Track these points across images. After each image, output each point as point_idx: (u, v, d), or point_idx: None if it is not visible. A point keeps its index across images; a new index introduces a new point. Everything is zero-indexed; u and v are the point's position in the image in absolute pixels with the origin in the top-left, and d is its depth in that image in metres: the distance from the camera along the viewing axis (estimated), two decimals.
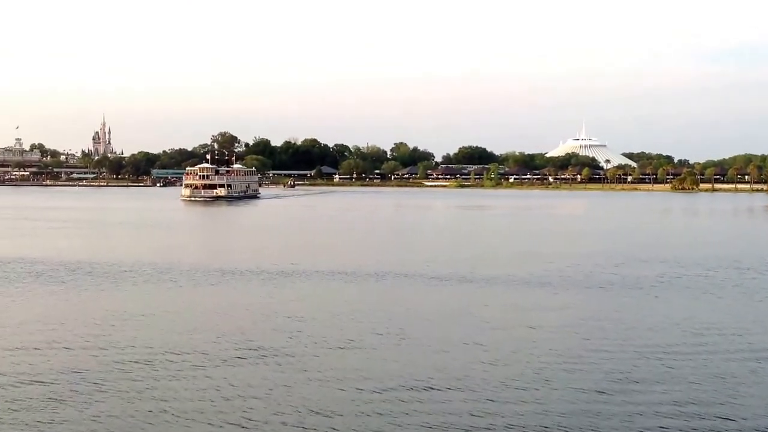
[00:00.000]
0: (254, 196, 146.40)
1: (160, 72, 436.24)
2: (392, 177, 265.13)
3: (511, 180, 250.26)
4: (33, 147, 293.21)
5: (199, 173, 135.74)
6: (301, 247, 51.54)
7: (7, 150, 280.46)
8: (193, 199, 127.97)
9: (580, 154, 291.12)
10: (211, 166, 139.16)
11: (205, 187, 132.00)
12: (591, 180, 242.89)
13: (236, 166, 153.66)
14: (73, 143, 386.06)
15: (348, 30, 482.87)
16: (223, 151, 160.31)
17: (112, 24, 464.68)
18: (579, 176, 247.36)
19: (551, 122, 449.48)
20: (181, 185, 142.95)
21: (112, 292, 30.22)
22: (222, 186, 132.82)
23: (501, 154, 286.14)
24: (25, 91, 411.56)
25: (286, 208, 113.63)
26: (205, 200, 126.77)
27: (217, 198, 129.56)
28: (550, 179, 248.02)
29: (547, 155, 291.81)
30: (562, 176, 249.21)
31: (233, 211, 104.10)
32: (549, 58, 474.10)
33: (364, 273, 36.15)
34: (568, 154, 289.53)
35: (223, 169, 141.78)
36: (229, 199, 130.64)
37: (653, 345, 21.38)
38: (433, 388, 17.05)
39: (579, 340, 22.32)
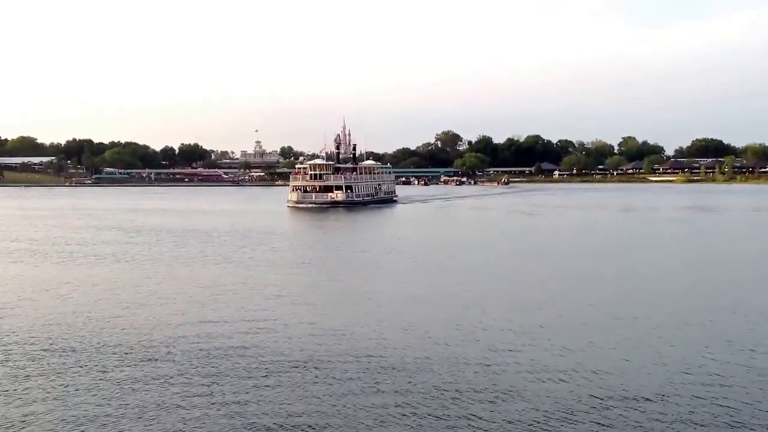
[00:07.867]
0: (388, 200, 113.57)
1: (390, 73, 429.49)
2: (615, 172, 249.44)
3: (748, 174, 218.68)
4: (283, 150, 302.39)
5: (309, 172, 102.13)
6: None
7: (251, 153, 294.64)
8: (300, 205, 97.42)
9: None
10: (327, 162, 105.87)
11: (318, 190, 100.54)
12: None
13: (367, 162, 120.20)
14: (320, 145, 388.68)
15: (576, 24, 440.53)
16: (349, 147, 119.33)
17: (352, 32, 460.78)
18: None
19: None
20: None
21: None
22: (340, 189, 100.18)
23: (740, 147, 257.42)
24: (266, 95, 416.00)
25: (432, 217, 79.88)
26: (317, 207, 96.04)
27: (334, 204, 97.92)
28: None
29: None
30: None
31: (348, 223, 72.19)
32: None
33: None
34: None
35: (347, 166, 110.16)
36: (350, 204, 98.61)
37: None
38: None
39: None
